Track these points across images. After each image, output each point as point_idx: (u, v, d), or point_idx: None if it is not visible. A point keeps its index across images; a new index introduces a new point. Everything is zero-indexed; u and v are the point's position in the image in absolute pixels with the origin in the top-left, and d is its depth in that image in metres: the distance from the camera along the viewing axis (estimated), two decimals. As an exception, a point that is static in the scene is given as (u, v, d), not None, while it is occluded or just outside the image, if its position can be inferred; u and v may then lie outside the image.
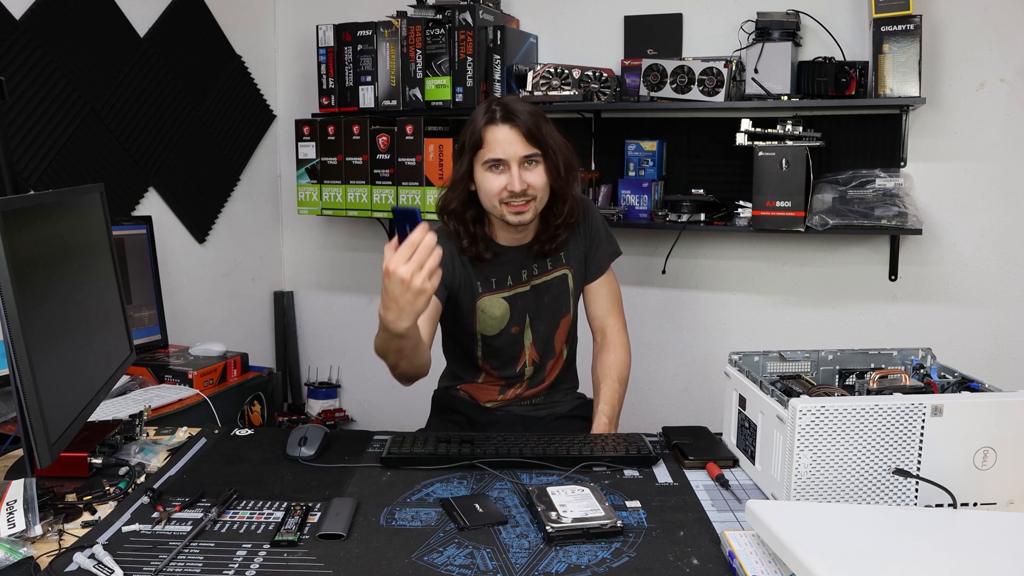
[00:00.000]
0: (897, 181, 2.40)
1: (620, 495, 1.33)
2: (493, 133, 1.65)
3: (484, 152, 1.66)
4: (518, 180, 1.64)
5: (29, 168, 2.26)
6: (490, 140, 1.65)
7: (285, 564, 1.10)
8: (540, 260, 1.81)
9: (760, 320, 2.71)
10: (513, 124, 1.64)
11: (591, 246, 1.85)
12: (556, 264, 1.82)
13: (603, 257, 1.87)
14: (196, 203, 2.87)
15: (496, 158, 1.65)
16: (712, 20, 2.63)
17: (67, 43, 2.36)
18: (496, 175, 1.66)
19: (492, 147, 1.65)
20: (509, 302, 1.80)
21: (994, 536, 1.11)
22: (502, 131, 1.65)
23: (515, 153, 1.64)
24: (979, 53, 2.38)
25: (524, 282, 1.80)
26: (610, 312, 1.88)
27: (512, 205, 1.67)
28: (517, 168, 1.65)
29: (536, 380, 1.87)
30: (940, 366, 1.46)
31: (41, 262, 1.25)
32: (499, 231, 1.78)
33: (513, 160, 1.64)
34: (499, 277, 1.79)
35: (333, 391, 3.33)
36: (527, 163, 1.66)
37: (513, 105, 1.67)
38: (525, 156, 1.65)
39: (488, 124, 1.66)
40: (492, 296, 1.79)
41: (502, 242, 1.79)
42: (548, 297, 1.82)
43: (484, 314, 1.79)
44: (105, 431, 1.49)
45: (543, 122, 1.68)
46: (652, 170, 2.66)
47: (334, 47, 2.83)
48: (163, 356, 2.41)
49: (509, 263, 1.79)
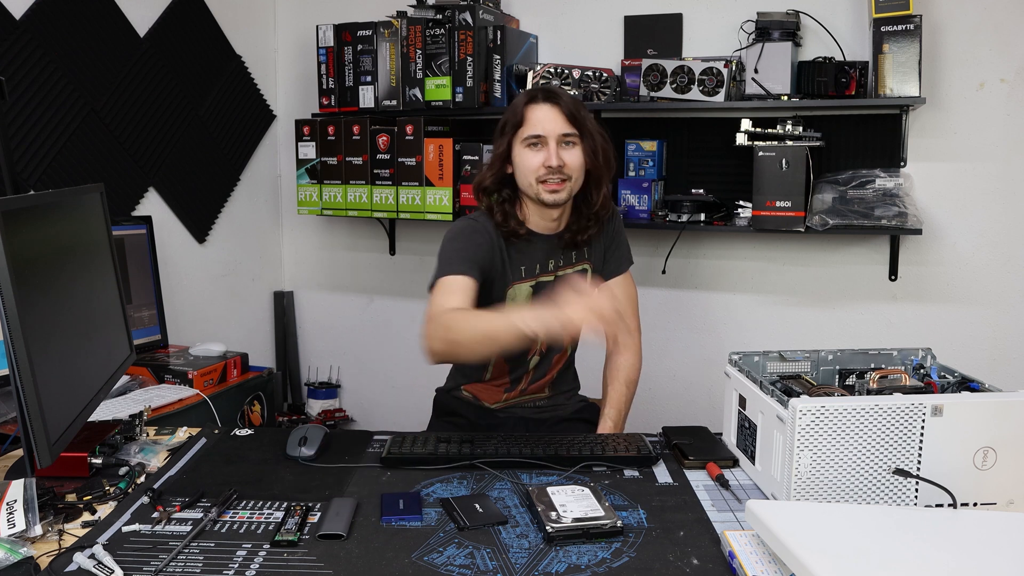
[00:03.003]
0: (897, 181, 2.40)
1: (620, 495, 1.33)
2: (534, 111, 1.71)
3: (524, 130, 1.72)
4: (555, 155, 1.69)
5: (29, 168, 2.26)
6: (531, 118, 1.71)
7: (285, 564, 1.10)
8: (567, 252, 1.82)
9: (760, 320, 2.71)
10: (554, 103, 1.71)
11: (611, 246, 1.87)
12: (580, 258, 1.85)
13: (621, 259, 1.89)
14: (196, 203, 2.87)
15: (536, 134, 1.70)
16: (712, 20, 2.62)
17: (67, 43, 2.35)
18: (535, 152, 1.71)
19: (532, 124, 1.71)
20: (534, 290, 1.81)
21: (994, 536, 1.11)
22: (543, 109, 1.71)
23: (554, 130, 1.70)
24: (979, 53, 2.38)
25: (550, 271, 1.82)
26: (623, 314, 1.88)
27: (548, 183, 1.71)
28: (555, 145, 1.70)
29: (541, 371, 1.87)
30: (940, 366, 1.46)
31: (41, 262, 1.25)
32: (532, 216, 1.79)
33: (552, 136, 1.70)
34: (528, 265, 1.81)
35: (333, 391, 3.33)
36: (565, 143, 1.71)
37: (555, 89, 1.75)
38: (564, 135, 1.70)
39: (530, 103, 1.72)
40: (522, 284, 1.81)
41: (533, 228, 1.80)
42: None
43: (512, 302, 1.80)
44: (105, 431, 1.49)
45: (582, 108, 1.74)
46: (652, 170, 2.66)
47: (334, 47, 2.83)
48: (163, 356, 2.41)
49: (539, 251, 1.81)
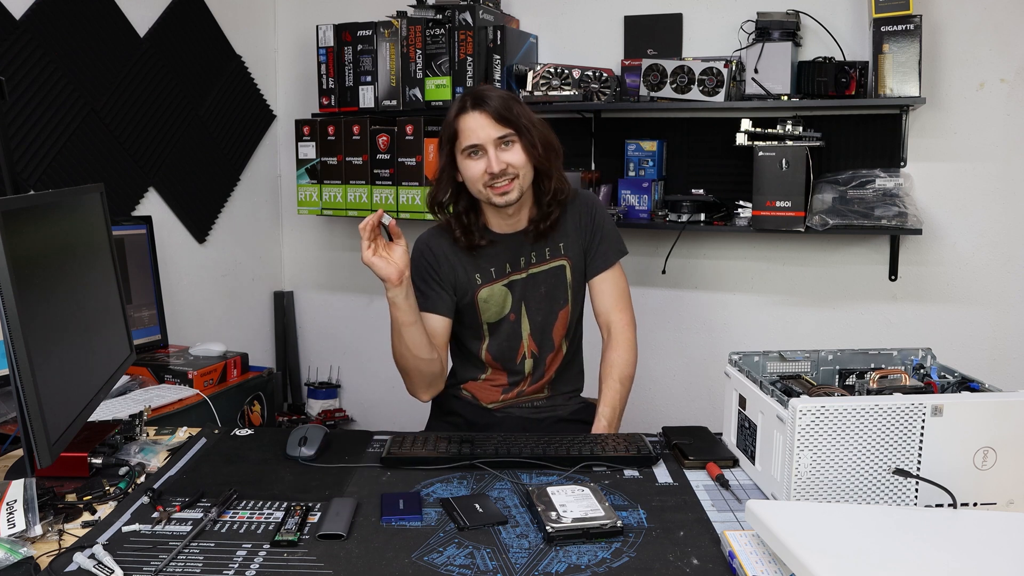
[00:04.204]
0: (897, 181, 2.40)
1: (620, 495, 1.33)
2: (465, 121, 1.71)
3: (461, 141, 1.72)
4: (495, 161, 1.69)
5: (29, 168, 2.26)
6: (464, 128, 1.71)
7: (285, 564, 1.10)
8: (539, 247, 1.82)
9: (760, 320, 2.71)
10: (482, 109, 1.70)
11: (593, 240, 1.86)
12: (554, 254, 1.84)
13: (608, 252, 1.87)
14: (196, 203, 2.87)
15: (472, 144, 1.71)
16: (712, 20, 2.62)
17: (67, 43, 2.35)
18: (475, 161, 1.72)
19: (467, 135, 1.71)
20: (509, 288, 1.82)
21: (994, 536, 1.11)
22: (473, 118, 1.71)
23: (488, 136, 1.70)
24: (979, 53, 2.38)
25: (522, 269, 1.82)
26: (615, 307, 1.87)
27: (496, 187, 1.71)
28: (493, 150, 1.70)
29: (537, 375, 1.87)
30: (940, 366, 1.46)
31: (41, 262, 1.25)
32: (493, 218, 1.81)
33: (488, 143, 1.70)
34: (497, 266, 1.81)
35: (333, 391, 3.33)
36: (503, 144, 1.71)
37: (482, 92, 1.74)
38: (499, 137, 1.70)
39: (459, 114, 1.73)
40: (492, 285, 1.81)
41: (497, 230, 1.81)
42: (545, 287, 1.84)
43: (486, 303, 1.82)
44: (105, 431, 1.49)
45: (514, 103, 1.73)
46: (652, 170, 2.66)
47: (334, 47, 2.83)
48: (163, 356, 2.41)
49: (506, 250, 1.81)
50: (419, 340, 1.71)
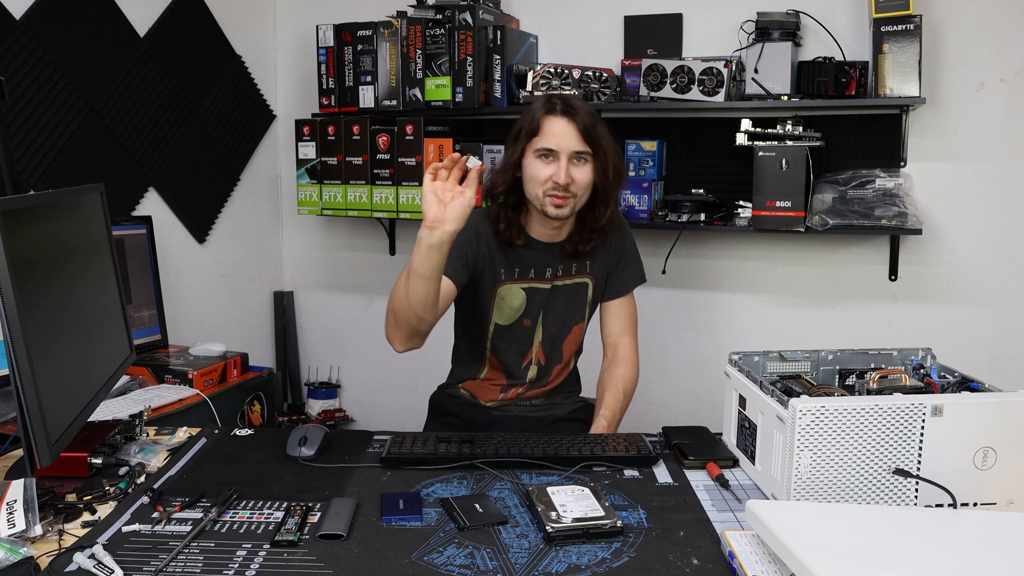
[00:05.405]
0: (897, 181, 2.40)
1: (620, 495, 1.33)
2: (550, 123, 1.69)
3: (538, 140, 1.70)
4: (564, 173, 1.68)
5: (29, 168, 2.26)
6: (546, 129, 1.70)
7: (285, 564, 1.10)
8: (566, 262, 1.82)
9: (760, 320, 2.71)
10: (571, 118, 1.69)
11: (617, 264, 1.87)
12: (580, 271, 1.84)
13: (628, 279, 1.88)
14: (196, 203, 2.87)
15: (548, 147, 1.69)
16: (712, 20, 2.63)
17: (67, 43, 2.35)
18: (545, 164, 1.70)
19: (547, 136, 1.69)
20: (527, 293, 1.81)
21: (994, 536, 1.11)
22: (559, 123, 1.69)
23: (567, 146, 1.68)
24: (979, 53, 2.38)
25: (547, 279, 1.82)
26: (624, 332, 1.88)
27: (554, 197, 1.70)
28: (566, 161, 1.68)
29: (539, 383, 1.88)
30: (940, 366, 1.46)
31: (41, 262, 1.25)
32: (535, 224, 1.80)
33: (564, 152, 1.68)
34: (523, 268, 1.80)
35: (333, 391, 3.33)
36: (576, 159, 1.70)
37: (573, 101, 1.72)
38: (576, 152, 1.69)
39: (547, 113, 1.70)
40: (513, 284, 1.80)
41: (535, 235, 1.80)
42: (565, 300, 1.84)
43: (503, 301, 1.80)
44: (105, 431, 1.49)
45: (599, 123, 1.72)
46: (652, 170, 2.66)
47: (334, 47, 2.83)
48: (163, 356, 2.41)
49: (537, 257, 1.80)
50: (423, 297, 1.55)
